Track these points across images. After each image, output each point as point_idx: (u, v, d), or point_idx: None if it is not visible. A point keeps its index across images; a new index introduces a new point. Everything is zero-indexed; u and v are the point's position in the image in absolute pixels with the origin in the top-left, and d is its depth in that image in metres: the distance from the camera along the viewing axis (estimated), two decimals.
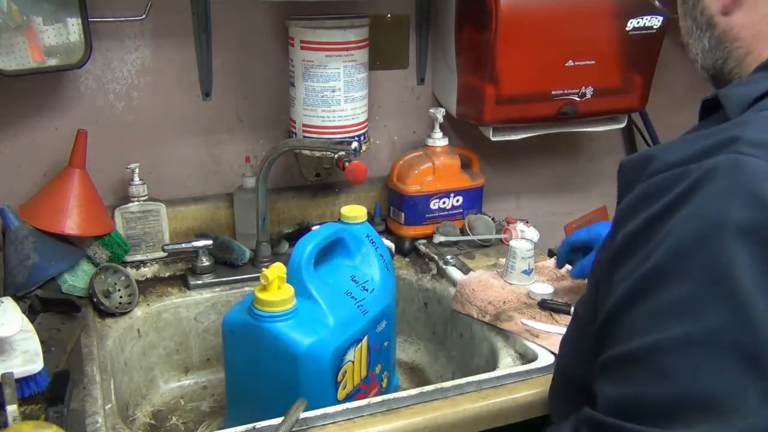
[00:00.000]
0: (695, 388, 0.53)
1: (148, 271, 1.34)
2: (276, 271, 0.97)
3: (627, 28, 1.40)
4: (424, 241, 1.46)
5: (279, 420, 0.88)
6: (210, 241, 1.31)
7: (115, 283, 1.22)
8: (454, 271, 1.34)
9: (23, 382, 0.92)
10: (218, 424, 1.20)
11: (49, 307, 1.14)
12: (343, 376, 1.02)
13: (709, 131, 0.63)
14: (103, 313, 1.19)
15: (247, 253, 1.35)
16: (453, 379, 1.00)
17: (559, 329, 1.12)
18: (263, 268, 0.97)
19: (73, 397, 0.95)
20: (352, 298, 1.06)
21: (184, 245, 1.32)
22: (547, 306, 1.18)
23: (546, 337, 1.10)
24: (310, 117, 1.34)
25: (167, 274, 1.34)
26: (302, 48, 1.30)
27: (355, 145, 1.22)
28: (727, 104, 0.66)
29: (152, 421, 1.21)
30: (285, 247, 1.41)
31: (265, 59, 1.42)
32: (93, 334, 1.12)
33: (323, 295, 1.01)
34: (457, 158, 1.48)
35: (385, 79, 1.52)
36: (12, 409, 0.85)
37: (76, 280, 1.21)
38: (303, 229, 1.43)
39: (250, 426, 0.88)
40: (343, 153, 1.23)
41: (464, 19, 1.42)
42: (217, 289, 1.30)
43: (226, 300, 1.29)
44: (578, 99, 1.43)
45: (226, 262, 1.34)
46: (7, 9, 1.12)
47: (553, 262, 1.36)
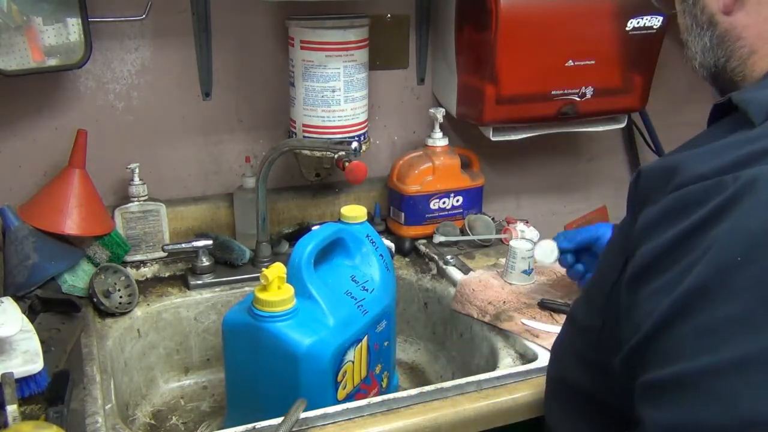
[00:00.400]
0: (753, 412, 0.51)
1: (148, 271, 1.34)
2: (276, 271, 0.97)
3: (627, 28, 1.40)
4: (424, 241, 1.46)
5: (279, 420, 0.88)
6: (210, 241, 1.31)
7: (115, 283, 1.22)
8: (454, 271, 1.34)
9: (23, 382, 0.92)
10: (218, 424, 1.20)
11: (49, 307, 1.14)
12: (343, 376, 1.02)
13: (737, 139, 0.61)
14: (103, 313, 1.19)
15: (247, 253, 1.35)
16: (453, 379, 1.00)
17: (559, 329, 1.12)
18: (263, 268, 0.97)
19: (73, 397, 0.95)
20: (352, 298, 1.06)
21: (184, 245, 1.32)
22: (547, 306, 1.18)
23: (546, 337, 1.10)
24: (310, 117, 1.34)
25: (167, 274, 1.34)
26: (302, 48, 1.30)
27: (355, 145, 1.22)
28: (750, 109, 0.63)
29: (152, 421, 1.21)
30: (285, 247, 1.41)
31: (265, 59, 1.42)
32: (93, 334, 1.12)
33: (323, 295, 1.01)
34: (457, 158, 1.48)
35: (385, 79, 1.52)
36: (12, 409, 0.85)
37: (76, 280, 1.21)
38: (303, 229, 1.43)
39: (250, 426, 0.88)
40: (343, 153, 1.23)
41: (464, 19, 1.42)
42: (217, 289, 1.30)
43: (226, 300, 1.29)
44: (578, 99, 1.43)
45: (226, 262, 1.34)
46: (7, 9, 1.12)
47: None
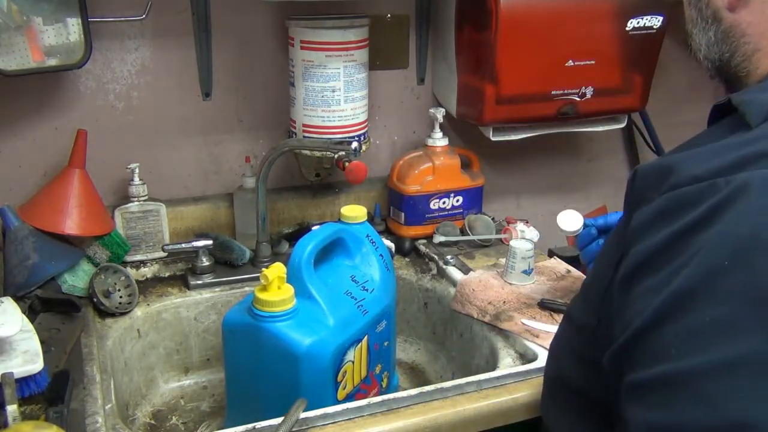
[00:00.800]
0: (741, 415, 0.51)
1: (148, 271, 1.34)
2: (276, 271, 0.97)
3: (627, 28, 1.40)
4: (424, 241, 1.46)
5: (279, 420, 0.88)
6: (210, 241, 1.31)
7: (115, 283, 1.22)
8: (454, 271, 1.34)
9: (23, 382, 0.92)
10: (218, 424, 1.20)
11: (49, 307, 1.14)
12: (343, 376, 1.02)
13: (734, 141, 0.60)
14: (103, 313, 1.19)
15: (247, 253, 1.35)
16: (453, 379, 1.00)
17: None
18: (263, 268, 0.97)
19: (73, 397, 0.95)
20: (352, 298, 1.06)
21: (184, 245, 1.32)
22: (547, 306, 1.18)
23: (546, 337, 1.10)
24: (310, 117, 1.34)
25: (167, 274, 1.34)
26: (302, 48, 1.30)
27: (355, 145, 1.22)
28: (748, 112, 0.63)
29: (152, 421, 1.21)
30: (285, 247, 1.41)
31: (265, 59, 1.42)
32: (93, 334, 1.12)
33: (323, 295, 1.01)
34: (457, 158, 1.48)
35: (385, 79, 1.52)
36: (12, 409, 0.85)
37: (76, 280, 1.21)
38: (303, 229, 1.43)
39: (250, 426, 0.88)
40: (343, 153, 1.23)
41: (464, 19, 1.42)
42: (217, 289, 1.30)
43: (226, 300, 1.29)
44: (578, 99, 1.43)
45: (226, 262, 1.34)
46: (7, 9, 1.12)
47: (554, 262, 1.36)
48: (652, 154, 1.85)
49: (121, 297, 1.22)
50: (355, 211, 1.14)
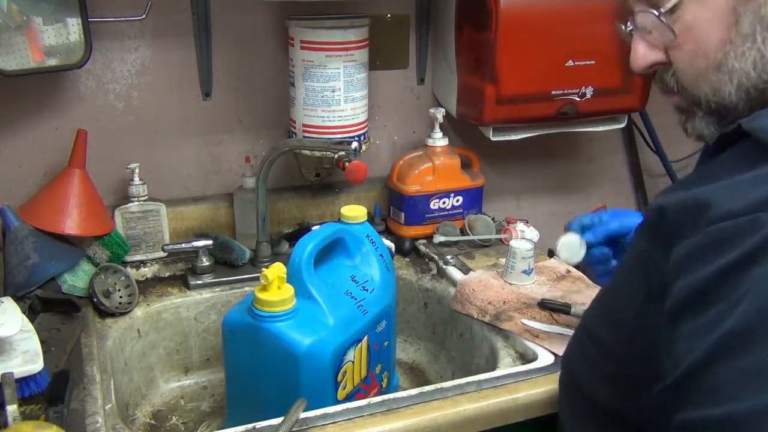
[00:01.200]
0: None
1: (148, 271, 1.34)
2: (276, 271, 0.97)
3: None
4: (424, 241, 1.46)
5: (279, 420, 0.88)
6: (210, 241, 1.31)
7: (115, 283, 1.22)
8: (454, 271, 1.34)
9: (23, 382, 0.92)
10: (218, 424, 1.20)
11: (49, 307, 1.14)
12: (343, 376, 1.02)
13: (763, 173, 0.59)
14: (103, 313, 1.19)
15: (247, 253, 1.35)
16: (453, 379, 1.00)
17: (559, 329, 1.12)
18: (263, 268, 0.97)
19: (73, 397, 0.95)
20: (352, 298, 1.06)
21: (184, 245, 1.32)
22: (547, 306, 1.18)
23: (546, 337, 1.10)
24: (310, 117, 1.34)
25: (167, 274, 1.34)
26: (302, 48, 1.30)
27: (355, 145, 1.22)
28: (765, 138, 0.60)
29: (152, 421, 1.21)
30: (285, 247, 1.41)
31: (265, 59, 1.42)
32: (93, 334, 1.12)
33: (323, 295, 1.01)
34: (457, 158, 1.48)
35: (385, 79, 1.52)
36: (12, 409, 0.85)
37: (76, 280, 1.21)
38: (303, 229, 1.43)
39: (250, 426, 0.88)
40: (343, 153, 1.23)
41: (464, 19, 1.42)
42: (217, 289, 1.30)
43: (226, 300, 1.29)
44: (578, 99, 1.43)
45: (226, 262, 1.34)
46: (7, 9, 1.12)
47: (554, 262, 1.36)
48: (652, 154, 1.85)
49: (121, 297, 1.22)
50: (355, 211, 1.14)
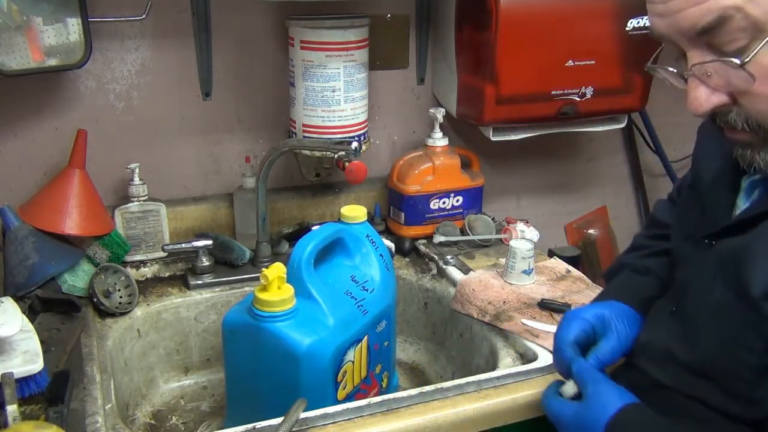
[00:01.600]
0: None
1: (148, 271, 1.34)
2: (276, 271, 0.97)
3: (627, 28, 1.40)
4: (424, 241, 1.46)
5: (279, 420, 0.88)
6: (210, 241, 1.31)
7: (115, 283, 1.22)
8: (454, 271, 1.34)
9: (23, 382, 0.92)
10: (218, 424, 1.20)
11: (49, 307, 1.14)
12: (343, 376, 1.02)
13: None
14: (103, 313, 1.19)
15: (247, 253, 1.35)
16: (453, 379, 1.00)
17: None
18: (263, 268, 0.97)
19: (73, 397, 0.95)
20: (352, 298, 1.06)
21: (184, 245, 1.32)
22: (547, 306, 1.18)
23: (546, 337, 1.10)
24: (310, 117, 1.34)
25: (167, 274, 1.34)
26: (302, 48, 1.30)
27: (355, 145, 1.22)
28: None
29: (152, 421, 1.21)
30: (285, 247, 1.41)
31: (265, 59, 1.42)
32: (93, 334, 1.12)
33: (323, 295, 1.01)
34: (457, 158, 1.48)
35: (385, 79, 1.52)
36: (12, 409, 0.85)
37: (76, 280, 1.21)
38: (303, 229, 1.43)
39: (250, 426, 0.88)
40: (343, 153, 1.23)
41: (464, 19, 1.42)
42: (217, 289, 1.30)
43: (226, 300, 1.29)
44: (578, 99, 1.43)
45: (226, 262, 1.34)
46: (7, 9, 1.12)
47: (554, 262, 1.36)
48: (652, 154, 1.85)
49: (121, 297, 1.22)
50: (355, 211, 1.14)
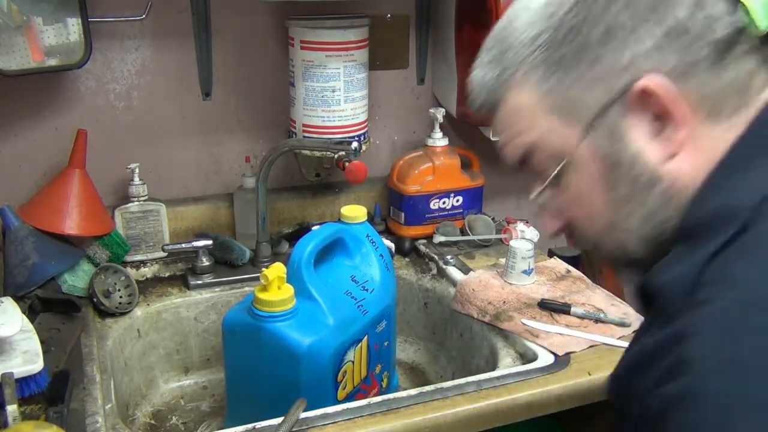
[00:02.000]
0: None
1: (148, 271, 1.34)
2: (276, 271, 0.97)
3: None
4: (424, 241, 1.46)
5: (279, 420, 0.88)
6: (210, 241, 1.31)
7: (115, 283, 1.22)
8: (454, 271, 1.34)
9: (23, 382, 0.92)
10: (218, 424, 1.20)
11: (49, 307, 1.14)
12: (343, 376, 1.02)
13: (654, 344, 0.52)
14: (103, 313, 1.19)
15: (247, 253, 1.35)
16: (453, 379, 1.00)
17: (559, 329, 1.12)
18: (263, 268, 0.97)
19: (73, 397, 0.95)
20: (352, 298, 1.06)
21: (184, 245, 1.32)
22: (547, 306, 1.18)
23: (546, 337, 1.10)
24: (310, 117, 1.34)
25: (167, 274, 1.34)
26: (302, 48, 1.30)
27: (355, 145, 1.22)
28: (663, 299, 0.54)
29: (152, 421, 1.21)
30: (285, 247, 1.41)
31: (265, 59, 1.42)
32: (93, 334, 1.12)
33: (323, 295, 1.01)
34: (457, 158, 1.48)
35: (385, 79, 1.52)
36: (12, 409, 0.86)
37: (76, 280, 1.21)
38: (303, 229, 1.43)
39: (250, 426, 0.88)
40: (343, 153, 1.23)
41: (464, 19, 1.42)
42: (217, 289, 1.30)
43: (226, 300, 1.29)
44: None
45: (226, 262, 1.34)
46: (7, 9, 1.12)
47: (554, 262, 1.36)
48: None
49: (121, 297, 1.22)
50: (355, 211, 1.14)
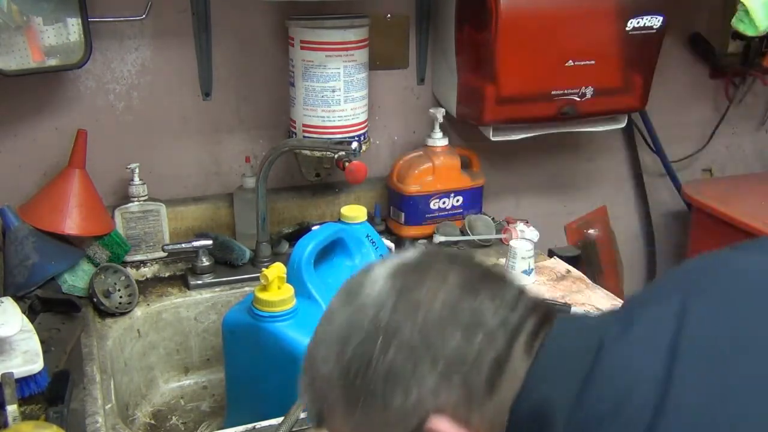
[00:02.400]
0: None
1: (148, 271, 1.34)
2: (276, 271, 0.97)
3: (627, 28, 1.40)
4: (424, 241, 1.46)
5: (279, 420, 0.88)
6: (210, 241, 1.31)
7: (115, 283, 1.22)
8: None
9: (23, 382, 0.92)
10: (218, 424, 1.20)
11: (49, 307, 1.14)
12: None
13: None
14: (103, 313, 1.19)
15: (247, 253, 1.35)
16: None
17: None
18: (263, 268, 0.97)
19: (73, 397, 0.95)
20: None
21: (184, 245, 1.31)
22: None
23: None
24: (310, 117, 1.34)
25: (167, 274, 1.34)
26: (302, 48, 1.30)
27: (355, 145, 1.22)
28: None
29: (152, 421, 1.21)
30: (285, 247, 1.41)
31: (265, 59, 1.42)
32: (93, 334, 1.12)
33: (323, 295, 1.01)
34: (457, 158, 1.48)
35: (385, 79, 1.52)
36: (12, 409, 0.86)
37: (76, 280, 1.21)
38: (303, 229, 1.42)
39: (250, 426, 0.88)
40: (343, 153, 1.23)
41: (464, 19, 1.42)
42: (217, 289, 1.30)
43: (226, 300, 1.29)
44: (578, 99, 1.43)
45: (226, 262, 1.34)
46: (7, 9, 1.12)
47: (554, 262, 1.36)
48: (652, 154, 1.85)
49: (121, 297, 1.22)
50: (355, 211, 1.14)
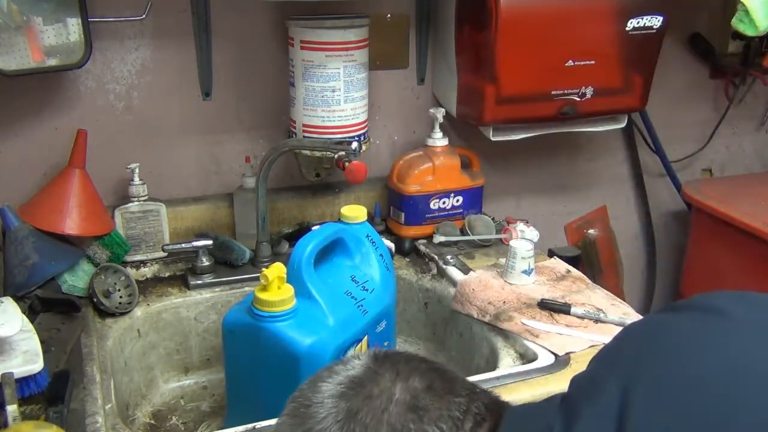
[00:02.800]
0: None
1: (148, 271, 1.34)
2: (276, 271, 0.97)
3: (627, 28, 1.40)
4: (424, 241, 1.46)
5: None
6: (210, 241, 1.31)
7: (115, 283, 1.22)
8: (454, 271, 1.34)
9: (23, 382, 0.92)
10: (218, 424, 1.20)
11: (49, 307, 1.14)
12: None
13: None
14: (103, 313, 1.19)
15: (247, 253, 1.35)
16: None
17: (559, 329, 1.12)
18: (263, 268, 0.97)
19: (73, 397, 0.95)
20: (352, 298, 1.06)
21: (184, 245, 1.32)
22: (547, 306, 1.18)
23: (546, 337, 1.10)
24: (310, 117, 1.34)
25: (167, 274, 1.34)
26: (302, 48, 1.30)
27: (355, 145, 1.22)
28: None
29: (152, 421, 1.21)
30: (285, 247, 1.41)
31: (265, 59, 1.42)
32: (93, 334, 1.12)
33: (323, 295, 1.01)
34: (457, 158, 1.48)
35: (385, 79, 1.52)
36: (12, 409, 0.86)
37: (76, 280, 1.21)
38: (303, 229, 1.43)
39: (250, 426, 0.88)
40: (343, 153, 1.23)
41: (464, 19, 1.42)
42: (217, 289, 1.30)
43: (226, 300, 1.29)
44: (578, 99, 1.43)
45: (226, 262, 1.34)
46: (7, 9, 1.12)
47: (554, 262, 1.36)
48: (652, 154, 1.85)
49: (121, 297, 1.22)
50: (355, 211, 1.14)
